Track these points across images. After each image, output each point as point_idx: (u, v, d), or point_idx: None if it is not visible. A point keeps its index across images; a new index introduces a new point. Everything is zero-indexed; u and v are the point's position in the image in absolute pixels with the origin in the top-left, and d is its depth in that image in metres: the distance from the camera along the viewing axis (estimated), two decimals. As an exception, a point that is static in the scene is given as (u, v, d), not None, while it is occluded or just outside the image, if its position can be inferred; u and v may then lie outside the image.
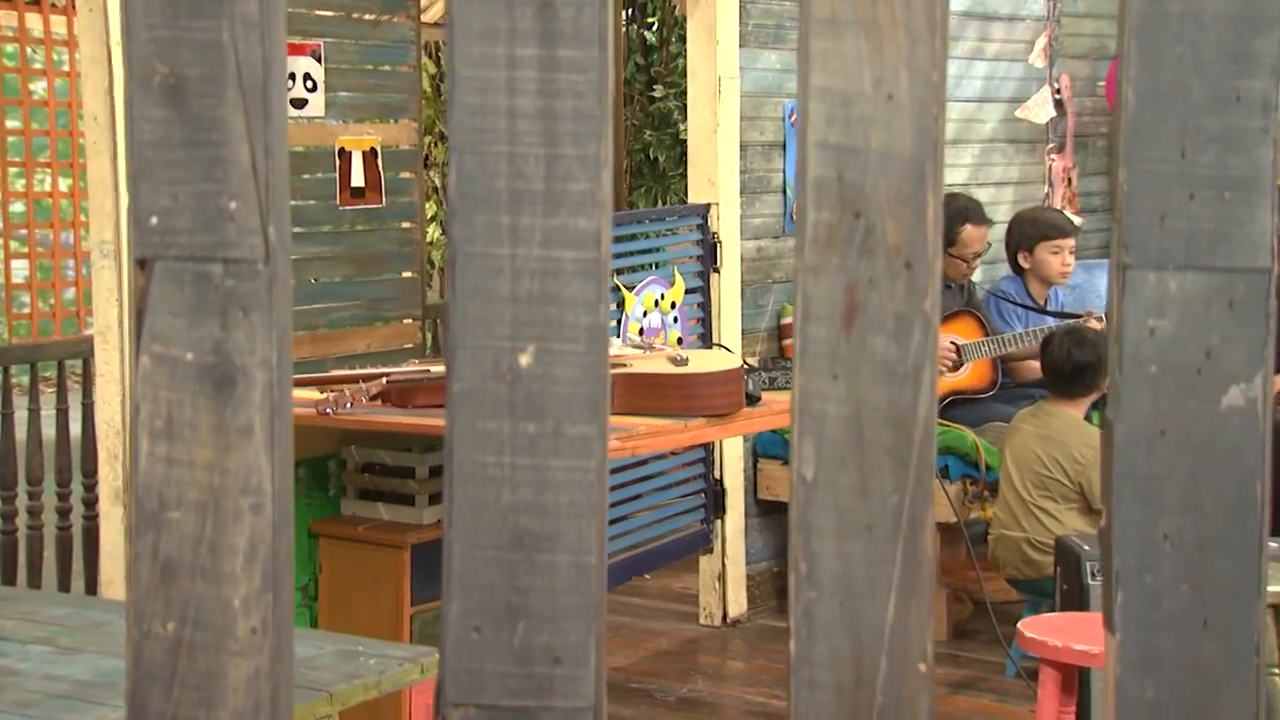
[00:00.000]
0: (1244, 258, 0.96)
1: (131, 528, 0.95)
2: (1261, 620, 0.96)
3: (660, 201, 6.02)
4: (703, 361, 3.26)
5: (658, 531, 4.36)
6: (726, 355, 3.42)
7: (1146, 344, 0.97)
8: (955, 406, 4.47)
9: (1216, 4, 0.94)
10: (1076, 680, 2.72)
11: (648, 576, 4.79)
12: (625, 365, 3.22)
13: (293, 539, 0.99)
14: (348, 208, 4.09)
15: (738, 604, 4.46)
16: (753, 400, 3.19)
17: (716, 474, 4.43)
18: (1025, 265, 4.68)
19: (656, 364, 3.22)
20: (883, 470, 0.99)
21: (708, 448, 4.43)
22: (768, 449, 4.54)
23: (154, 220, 0.94)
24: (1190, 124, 0.96)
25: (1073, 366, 3.84)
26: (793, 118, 4.59)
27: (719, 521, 4.43)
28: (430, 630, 3.37)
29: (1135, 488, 0.97)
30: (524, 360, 0.99)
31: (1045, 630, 2.68)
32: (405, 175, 4.33)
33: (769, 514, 4.59)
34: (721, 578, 4.44)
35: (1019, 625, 2.76)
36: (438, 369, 3.33)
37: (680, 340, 4.33)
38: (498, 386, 0.99)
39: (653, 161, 5.93)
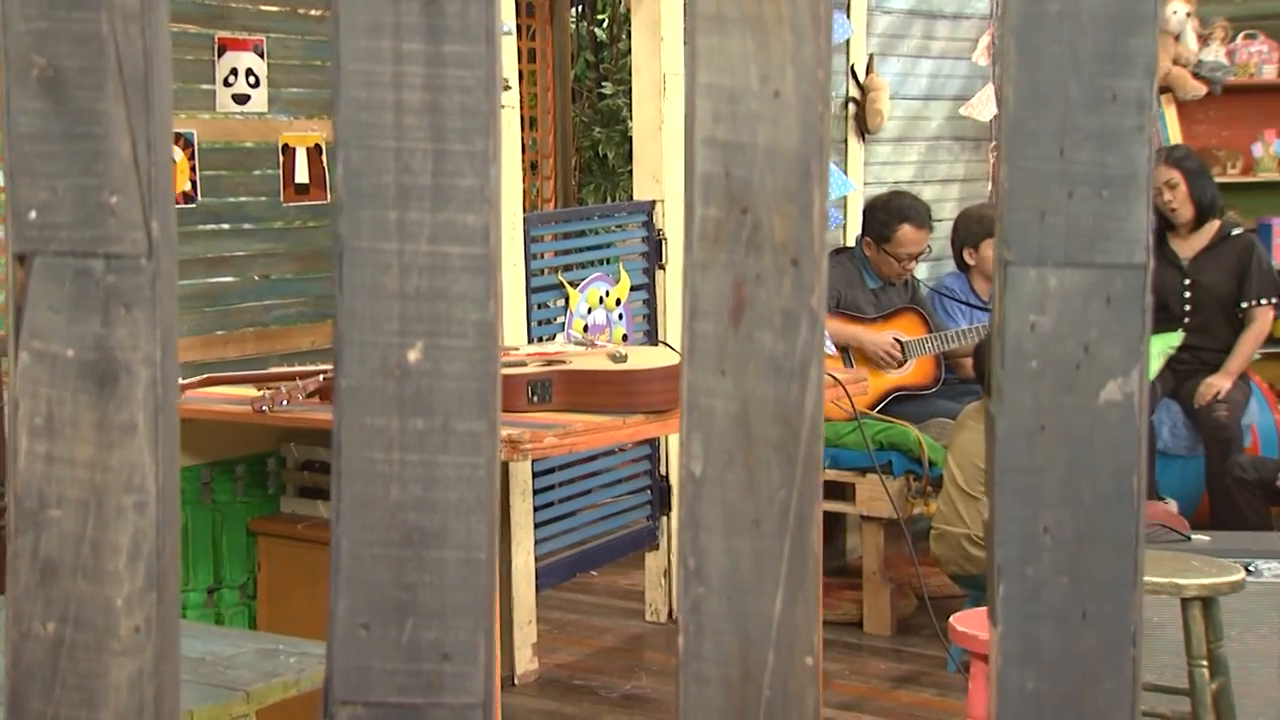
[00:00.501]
0: (1121, 254, 0.97)
1: (10, 527, 0.94)
2: (1139, 611, 0.97)
3: (610, 198, 6.03)
4: (642, 358, 3.26)
5: (604, 528, 4.36)
6: (666, 352, 3.43)
7: (1027, 339, 0.98)
8: (899, 402, 4.50)
9: (1093, 4, 0.96)
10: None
11: (595, 573, 4.79)
12: (565, 362, 3.22)
13: (177, 537, 0.99)
14: (292, 204, 4.06)
15: (683, 600, 4.47)
16: (692, 397, 3.19)
17: (663, 470, 4.44)
18: (970, 262, 4.71)
19: (596, 361, 3.22)
20: (770, 466, 1.00)
21: (654, 444, 4.43)
22: (713, 445, 4.55)
23: (32, 215, 0.93)
24: (1069, 122, 0.97)
25: None
26: (738, 115, 4.60)
27: (665, 518, 4.44)
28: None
29: (1016, 481, 0.99)
30: (412, 356, 0.99)
31: (976, 624, 2.70)
32: (350, 171, 4.30)
33: (715, 510, 4.59)
34: (668, 574, 4.45)
35: (951, 620, 2.78)
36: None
37: (625, 337, 4.33)
38: (386, 383, 0.99)
39: (602, 158, 5.93)
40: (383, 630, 0.99)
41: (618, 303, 4.37)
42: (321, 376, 3.15)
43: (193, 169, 3.79)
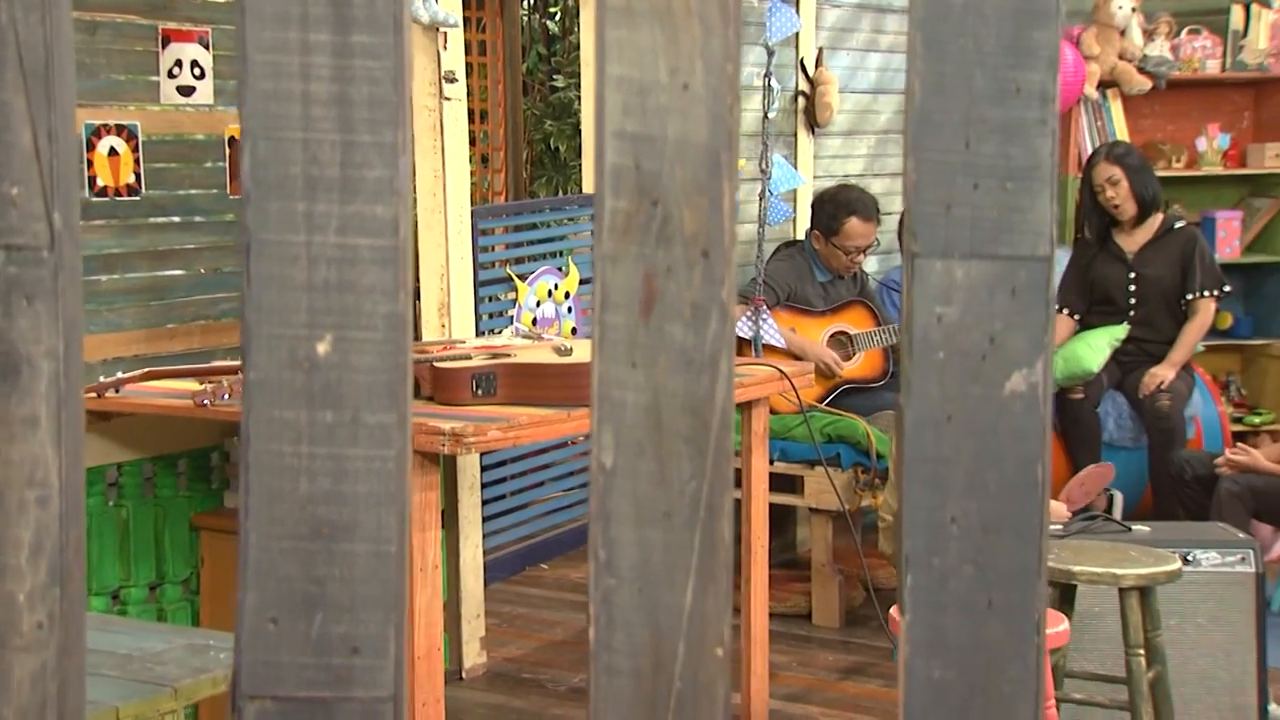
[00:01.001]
0: (1026, 246, 0.98)
1: (-91, 521, 0.93)
2: (1043, 600, 0.99)
3: (561, 191, 6.02)
4: (587, 351, 3.26)
5: (553, 521, 4.36)
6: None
7: (934, 330, 0.99)
8: (847, 395, 4.53)
9: (997, -2, 0.96)
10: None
11: (545, 566, 4.79)
12: (510, 355, 3.21)
13: (83, 532, 0.98)
14: (236, 197, 4.03)
15: (633, 593, 4.48)
16: (637, 390, 3.20)
17: (612, 464, 4.44)
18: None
19: (540, 354, 3.22)
20: (681, 458, 1.00)
21: (603, 438, 4.43)
22: (663, 438, 4.56)
23: (-70, 207, 0.92)
24: (973, 115, 0.98)
25: None
26: (687, 108, 4.60)
27: (615, 511, 4.44)
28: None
29: (924, 472, 0.99)
30: (321, 349, 0.99)
31: (916, 614, 2.72)
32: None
33: (665, 503, 4.61)
34: (617, 567, 4.45)
35: (890, 610, 2.80)
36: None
37: (575, 330, 4.33)
38: (294, 375, 0.99)
39: (554, 151, 5.92)
40: (291, 624, 0.98)
41: (567, 296, 4.36)
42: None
43: (137, 161, 3.75)
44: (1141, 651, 2.90)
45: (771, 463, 4.38)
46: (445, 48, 3.92)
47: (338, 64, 0.97)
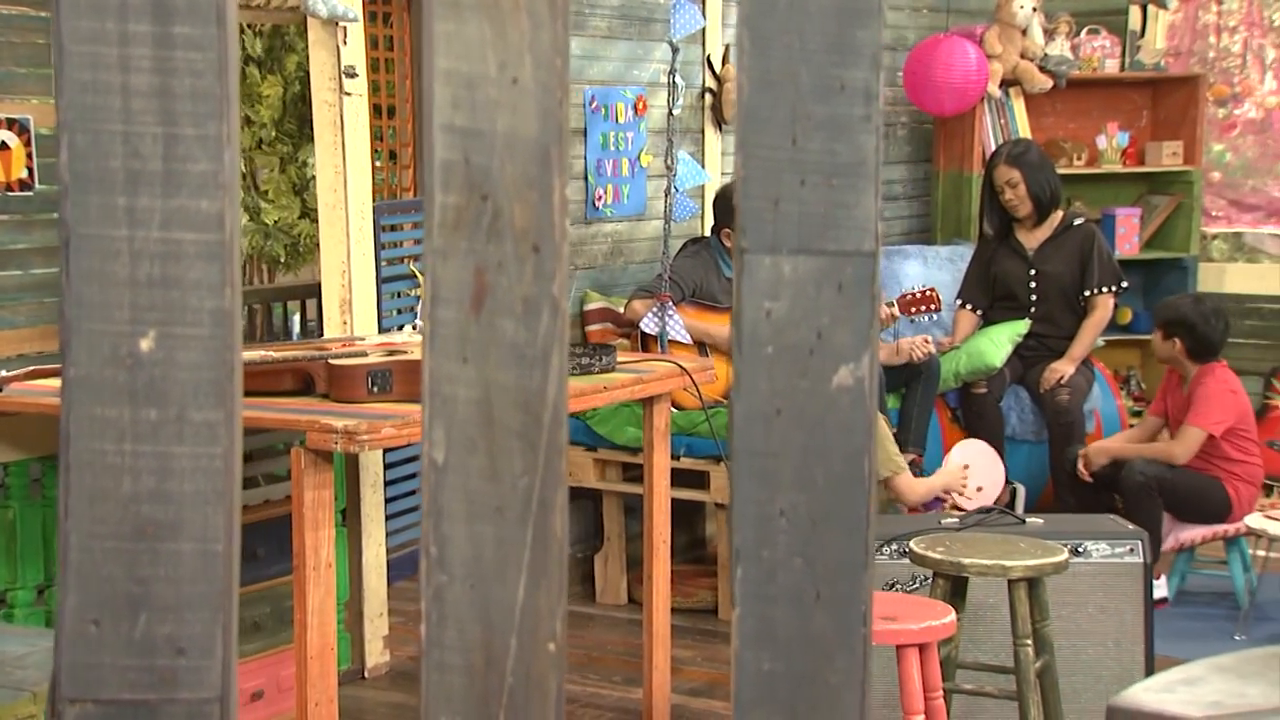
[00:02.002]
0: (851, 241, 1.00)
1: None
2: (870, 591, 1.00)
3: (472, 188, 5.98)
4: (485, 348, 3.25)
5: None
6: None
7: (763, 325, 1.00)
8: (753, 391, 4.55)
9: (821, -4, 0.97)
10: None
11: (454, 565, 4.75)
12: (406, 352, 3.19)
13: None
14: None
15: (540, 590, 4.47)
16: (536, 386, 3.19)
17: (519, 461, 4.43)
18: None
19: (438, 351, 3.19)
20: (512, 453, 1.00)
21: (510, 434, 4.41)
22: (571, 435, 4.56)
23: None
24: (800, 111, 0.99)
25: None
26: (593, 104, 4.61)
27: (521, 508, 4.43)
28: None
29: (753, 465, 1.00)
30: (145, 345, 0.97)
31: (807, 607, 2.75)
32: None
33: (573, 500, 4.61)
34: (524, 564, 4.45)
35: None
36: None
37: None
38: (117, 372, 0.97)
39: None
40: (114, 625, 0.97)
41: (472, 292, 4.34)
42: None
43: (29, 156, 3.66)
44: (1029, 642, 2.95)
45: (677, 458, 4.40)
46: (345, 43, 3.88)
47: (159, 55, 0.96)
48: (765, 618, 0.99)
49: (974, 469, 4.43)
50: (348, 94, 3.90)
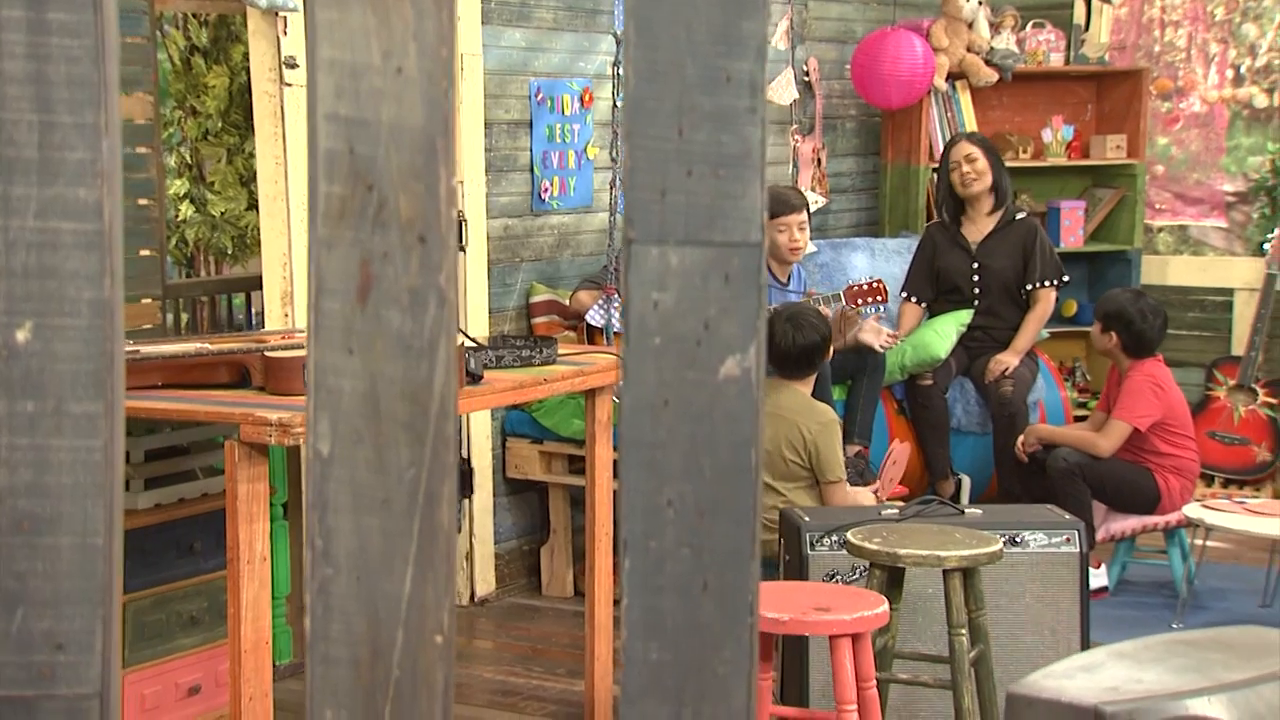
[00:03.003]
0: (738, 232, 1.00)
1: None
2: (756, 581, 1.00)
3: (420, 179, 5.95)
4: (423, 340, 3.23)
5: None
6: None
7: (650, 316, 1.00)
8: (699, 383, 4.55)
9: (705, -14, 0.97)
10: (773, 647, 2.81)
11: (400, 558, 4.73)
12: (343, 344, 3.17)
13: None
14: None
15: (486, 583, 4.46)
16: (474, 379, 3.19)
17: (464, 453, 4.42)
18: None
19: (375, 343, 3.18)
20: (399, 445, 0.99)
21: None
22: (516, 428, 4.55)
23: None
24: (686, 102, 0.99)
25: (799, 350, 3.91)
26: (539, 96, 4.59)
27: (466, 501, 4.42)
28: (143, 619, 3.26)
29: (641, 456, 1.00)
30: (20, 336, 0.96)
31: (741, 598, 2.75)
32: (140, 150, 4.18)
33: (519, 492, 4.61)
34: (470, 557, 4.44)
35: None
36: (147, 349, 3.22)
37: (424, 319, 4.28)
38: (-7, 364, 0.96)
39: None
40: (-9, 620, 0.96)
41: (416, 285, 4.32)
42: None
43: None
44: (964, 631, 2.97)
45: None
46: (285, 33, 3.85)
47: (33, 41, 0.94)
48: (653, 608, 0.99)
49: (898, 464, 4.45)
50: (289, 85, 3.87)
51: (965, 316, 5.00)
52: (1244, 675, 1.21)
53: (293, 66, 3.85)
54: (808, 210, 4.64)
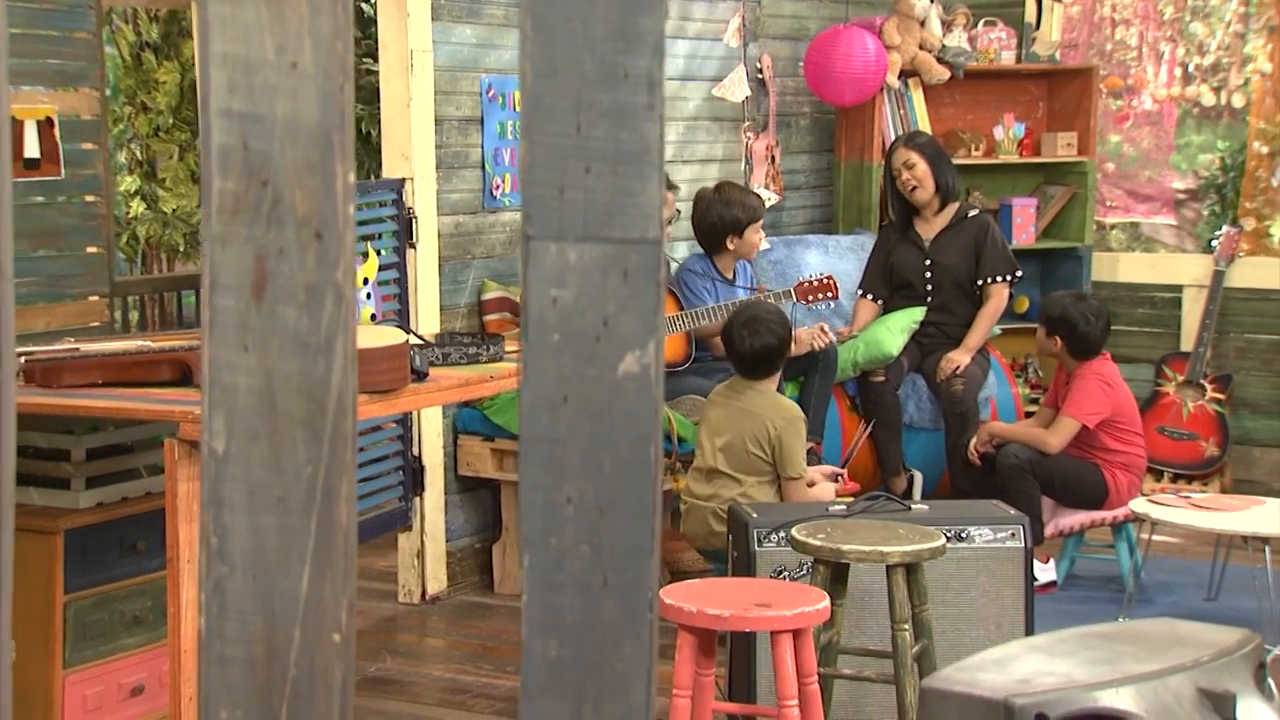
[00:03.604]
0: (636, 229, 0.99)
1: None
2: (656, 577, 1.00)
3: (374, 176, 5.92)
4: (368, 337, 3.22)
5: (357, 509, 4.30)
6: (391, 331, 3.39)
7: (549, 313, 1.00)
8: (651, 380, 4.56)
9: (601, -18, 0.97)
10: (715, 643, 2.81)
11: (352, 556, 4.71)
12: (287, 342, 3.15)
13: None
14: (21, 180, 3.88)
15: (437, 581, 4.45)
16: (419, 376, 3.18)
17: (415, 451, 4.40)
18: (730, 247, 4.80)
19: (319, 340, 3.16)
20: (296, 442, 0.99)
21: (406, 424, 4.39)
22: (468, 425, 4.54)
23: None
24: (584, 99, 0.98)
25: (754, 353, 3.92)
26: (490, 93, 4.58)
27: (418, 499, 4.40)
28: (85, 618, 3.23)
29: (541, 453, 1.00)
30: (-92, 334, 0.95)
31: (682, 596, 2.76)
32: (87, 146, 4.14)
33: (470, 490, 4.59)
34: (421, 555, 4.42)
35: (659, 593, 2.83)
36: (88, 347, 3.19)
37: (374, 316, 4.27)
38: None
39: (365, 136, 5.83)
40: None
41: (365, 282, 4.30)
42: (24, 358, 3.01)
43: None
44: (907, 626, 2.99)
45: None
46: (231, 27, 3.82)
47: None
48: (552, 605, 0.99)
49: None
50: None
51: (918, 314, 5.03)
52: (1153, 667, 1.22)
53: (239, 62, 3.83)
54: None
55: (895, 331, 4.97)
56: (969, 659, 1.34)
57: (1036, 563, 4.50)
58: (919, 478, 5.04)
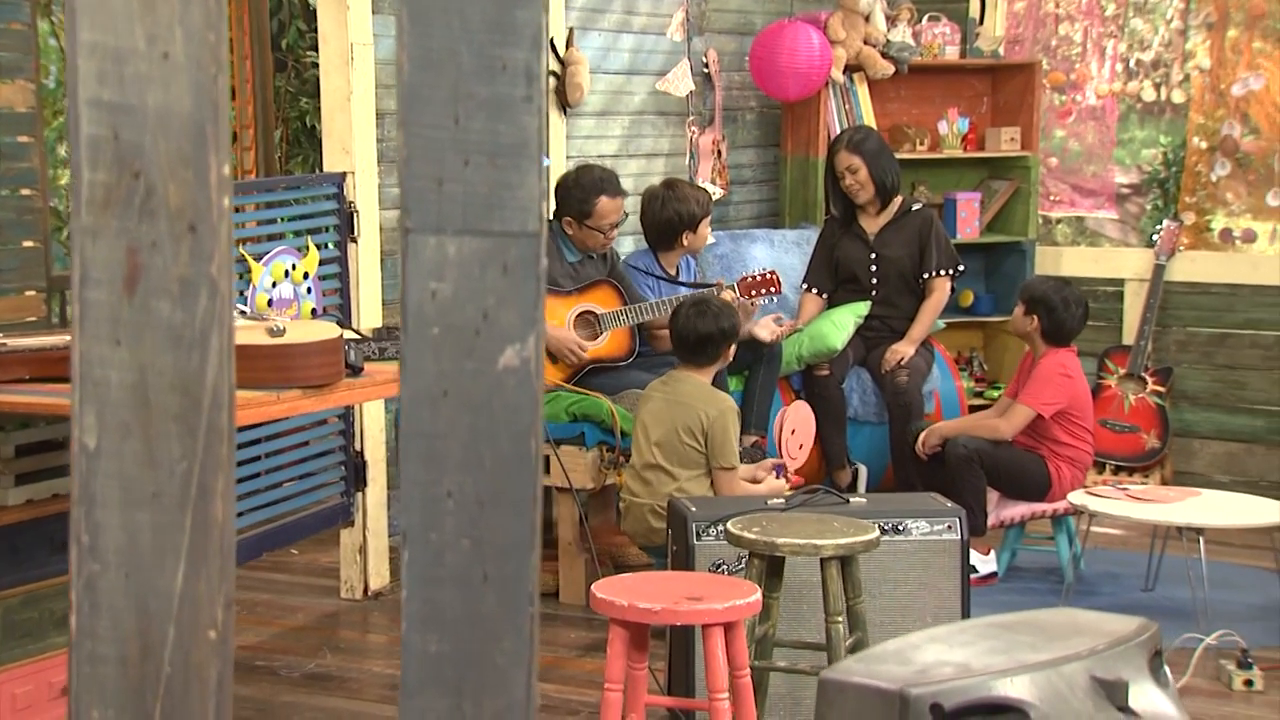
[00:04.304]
0: (516, 222, 0.99)
1: None
2: (537, 571, 1.00)
3: (318, 169, 5.88)
4: (301, 332, 3.20)
5: (295, 505, 4.27)
6: (326, 325, 3.37)
7: (428, 306, 0.99)
8: (594, 374, 4.56)
9: (477, -27, 0.96)
10: (648, 637, 2.81)
11: (295, 551, 4.69)
12: (219, 337, 3.12)
13: None
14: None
15: (379, 576, 4.43)
16: (355, 371, 3.16)
17: (357, 446, 4.38)
18: (685, 242, 4.80)
19: (251, 335, 3.13)
20: (170, 438, 0.97)
21: (348, 420, 4.36)
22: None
23: None
24: (462, 91, 0.98)
25: (696, 336, 3.94)
26: (432, 86, 4.54)
27: (360, 494, 4.38)
28: (14, 617, 3.19)
29: (421, 447, 0.99)
30: None
31: (614, 590, 2.75)
32: (23, 139, 4.08)
33: (414, 485, 4.57)
34: (363, 550, 4.40)
35: (592, 587, 2.83)
36: (15, 342, 3.14)
37: (315, 311, 4.24)
38: None
39: (310, 129, 5.79)
40: None
41: (305, 276, 4.26)
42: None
43: None
44: (841, 619, 3.00)
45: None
46: (165, 18, 3.78)
47: None
48: (432, 600, 0.99)
49: (798, 432, 4.50)
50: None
51: (862, 308, 5.05)
52: (1048, 656, 1.23)
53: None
54: None
55: (839, 325, 4.99)
56: (871, 649, 1.34)
57: (978, 554, 4.54)
58: (863, 471, 5.06)
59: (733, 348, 4.09)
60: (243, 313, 3.67)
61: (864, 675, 1.20)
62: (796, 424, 4.56)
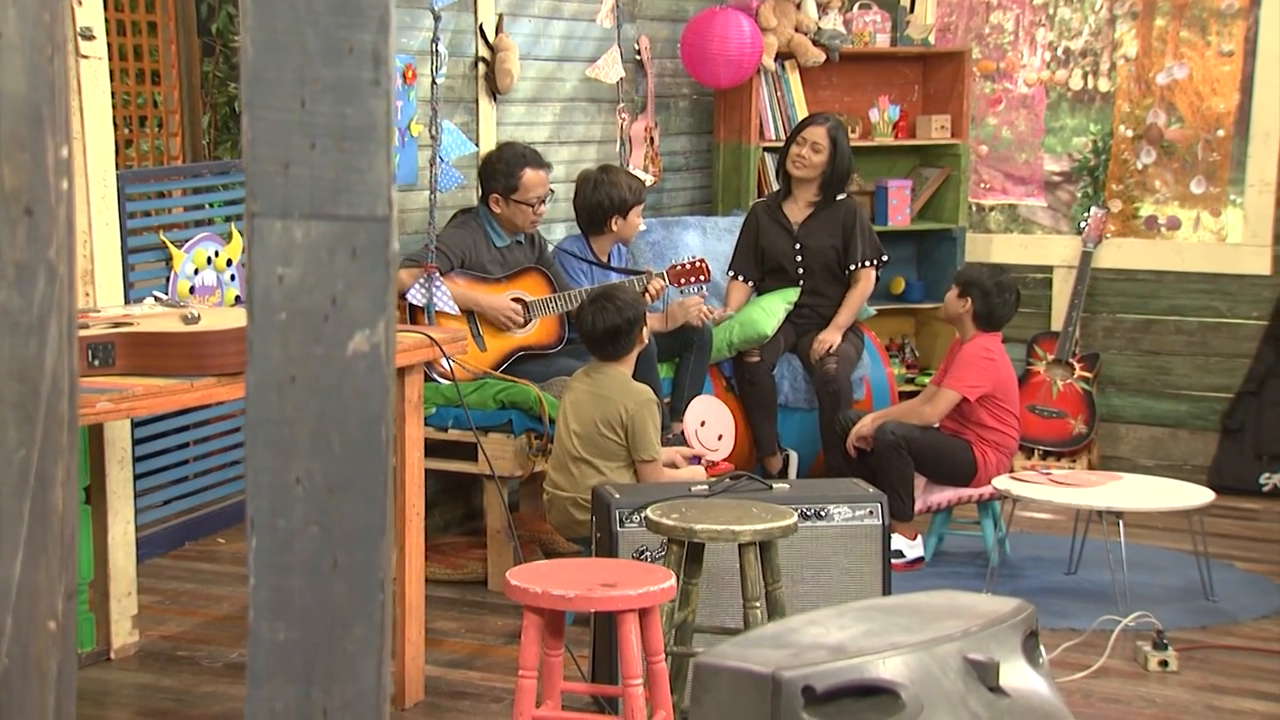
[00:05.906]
0: (365, 206, 0.98)
1: None
2: (389, 558, 0.99)
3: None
4: (216, 319, 3.16)
5: (219, 494, 4.23)
6: (241, 313, 3.33)
7: (275, 291, 0.98)
8: (522, 362, 4.54)
9: (320, -47, 0.95)
10: (563, 624, 2.81)
11: (222, 540, 4.64)
12: (131, 324, 3.08)
13: None
14: None
15: (306, 566, 4.39)
16: (270, 358, 3.12)
17: (282, 435, 4.33)
18: (614, 229, 4.79)
19: (165, 323, 3.10)
20: (7, 425, 0.96)
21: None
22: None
23: None
24: (308, 73, 0.97)
25: (603, 331, 3.92)
26: (357, 71, 4.50)
27: (285, 483, 4.34)
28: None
29: (268, 434, 0.98)
30: None
31: (528, 577, 2.75)
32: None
33: (341, 474, 4.53)
34: (289, 540, 4.36)
35: (506, 574, 2.82)
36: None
37: (238, 298, 4.19)
38: None
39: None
40: None
41: (229, 263, 4.22)
42: None
43: None
44: (759, 604, 3.01)
45: (445, 430, 4.36)
46: (80, 3, 3.71)
47: None
48: (280, 587, 0.98)
49: (709, 423, 4.51)
50: (85, 57, 3.73)
51: (793, 295, 5.07)
52: (923, 637, 1.24)
53: (88, 38, 3.72)
54: None
55: (770, 311, 5.00)
56: (748, 633, 1.34)
57: (905, 539, 4.58)
58: (794, 457, 5.09)
59: (645, 331, 4.07)
60: (158, 299, 3.63)
61: (737, 659, 1.21)
62: (706, 415, 4.56)
